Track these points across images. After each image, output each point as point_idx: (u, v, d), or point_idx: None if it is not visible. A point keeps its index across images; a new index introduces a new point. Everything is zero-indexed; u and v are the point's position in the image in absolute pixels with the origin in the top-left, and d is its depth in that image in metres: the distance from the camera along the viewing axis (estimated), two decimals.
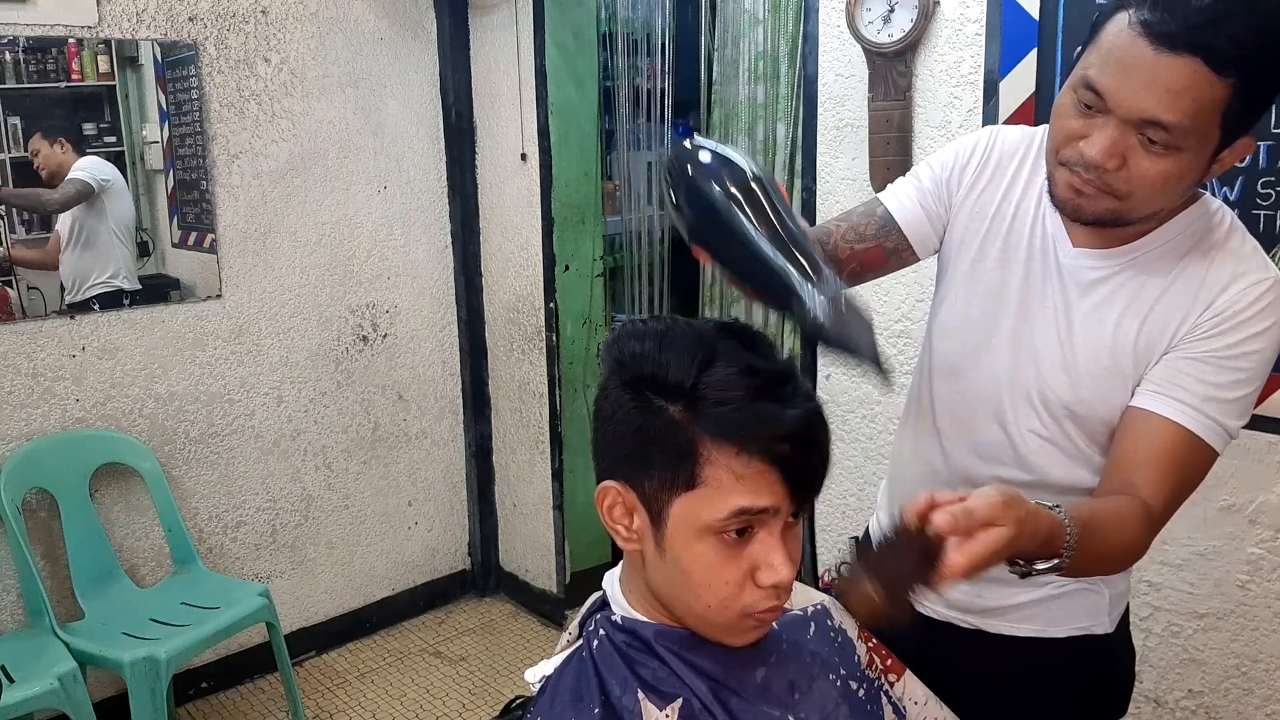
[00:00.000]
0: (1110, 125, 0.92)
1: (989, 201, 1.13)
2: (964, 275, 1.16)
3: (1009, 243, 1.11)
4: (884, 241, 1.17)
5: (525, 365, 3.04)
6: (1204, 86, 0.88)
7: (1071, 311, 1.07)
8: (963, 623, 1.20)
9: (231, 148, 2.58)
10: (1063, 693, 1.18)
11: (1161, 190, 0.95)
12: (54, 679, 2.00)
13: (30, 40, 2.24)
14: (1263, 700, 1.74)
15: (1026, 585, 1.13)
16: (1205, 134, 0.91)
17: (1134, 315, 1.03)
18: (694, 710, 0.85)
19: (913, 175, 1.20)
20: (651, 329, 0.84)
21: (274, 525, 2.80)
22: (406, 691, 2.76)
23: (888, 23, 1.97)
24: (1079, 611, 1.17)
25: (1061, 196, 1.00)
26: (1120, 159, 0.93)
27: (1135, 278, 1.04)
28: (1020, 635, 1.17)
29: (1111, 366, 1.04)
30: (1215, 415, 0.99)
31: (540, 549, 3.13)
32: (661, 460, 0.81)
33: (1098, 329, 1.05)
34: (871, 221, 1.18)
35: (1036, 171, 1.11)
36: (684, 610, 0.86)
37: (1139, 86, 0.89)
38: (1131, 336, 1.03)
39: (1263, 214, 1.61)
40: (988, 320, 1.12)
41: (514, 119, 2.88)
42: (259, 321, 2.69)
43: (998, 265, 1.12)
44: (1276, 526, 1.67)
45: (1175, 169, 0.93)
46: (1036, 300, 1.09)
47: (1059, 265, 1.08)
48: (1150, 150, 0.92)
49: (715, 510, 0.79)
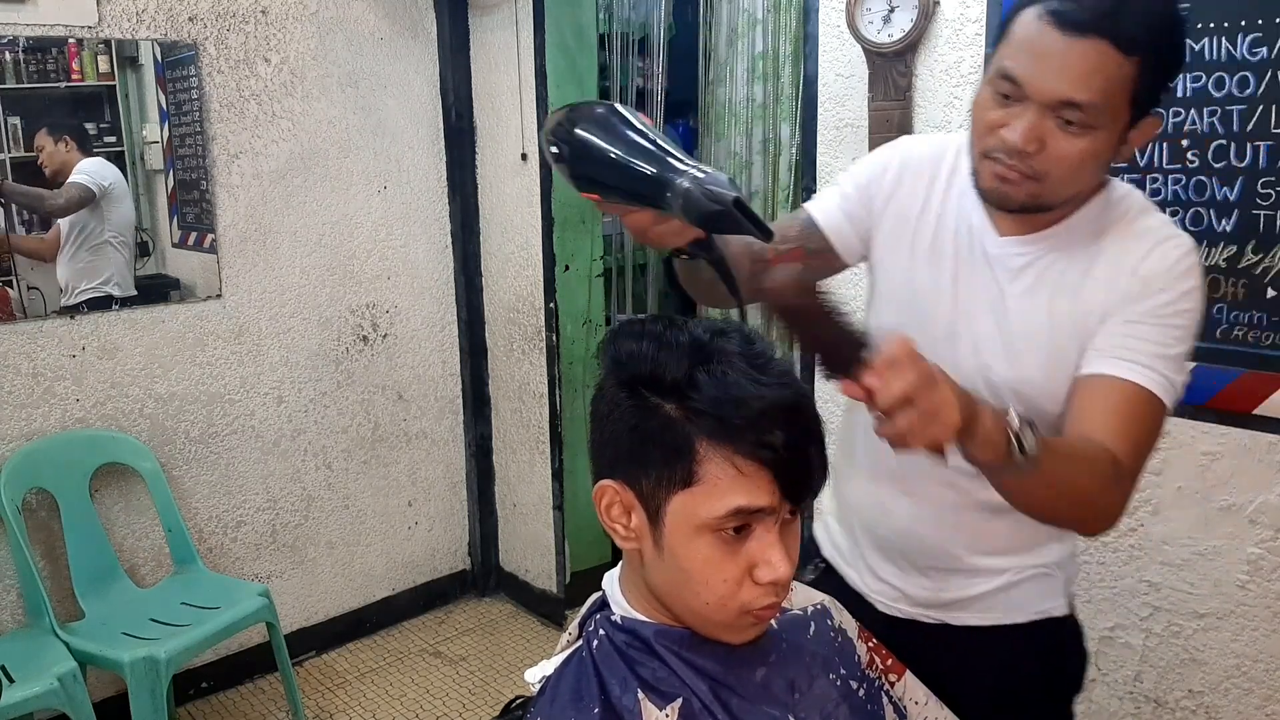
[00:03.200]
0: (1029, 111, 0.99)
1: (911, 205, 1.19)
2: (894, 277, 1.21)
3: (936, 241, 1.17)
4: (806, 243, 1.23)
5: (525, 365, 3.04)
6: (1112, 66, 0.95)
7: (1005, 297, 1.11)
8: (926, 618, 1.23)
9: (231, 148, 2.58)
10: (1028, 677, 1.22)
11: (1079, 169, 1.01)
12: (54, 679, 2.00)
13: (30, 40, 2.24)
14: (1263, 700, 1.74)
15: (986, 576, 1.19)
16: (1116, 112, 0.98)
17: (1064, 294, 1.09)
18: (694, 710, 0.85)
19: (836, 184, 1.26)
20: (649, 329, 0.84)
21: (274, 525, 2.80)
22: (406, 691, 2.76)
23: (888, 23, 1.97)
24: (1037, 596, 1.21)
25: (987, 186, 1.06)
26: (1040, 142, 0.99)
27: (1060, 259, 1.09)
28: (984, 625, 1.21)
29: (1049, 344, 1.09)
30: (1162, 370, 1.03)
31: (540, 549, 3.13)
32: (658, 458, 0.81)
33: (1032, 311, 1.10)
34: (795, 225, 1.25)
35: (954, 173, 1.17)
36: (682, 608, 0.86)
37: (1053, 71, 0.96)
38: (1065, 313, 1.08)
39: (1263, 214, 1.61)
40: (923, 316, 1.16)
41: (514, 119, 2.88)
42: (259, 321, 2.69)
43: (927, 263, 1.17)
44: (1276, 526, 1.68)
45: (1091, 147, 0.99)
46: (967, 291, 1.14)
47: (987, 255, 1.13)
48: (1068, 131, 0.98)
49: (712, 508, 0.80)
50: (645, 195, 0.88)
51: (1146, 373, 1.03)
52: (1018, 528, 1.14)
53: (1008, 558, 1.19)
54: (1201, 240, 1.68)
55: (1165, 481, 1.78)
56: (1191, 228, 1.68)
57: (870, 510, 1.26)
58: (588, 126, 0.92)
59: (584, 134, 0.91)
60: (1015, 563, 1.19)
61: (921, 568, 1.22)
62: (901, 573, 1.24)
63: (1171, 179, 1.70)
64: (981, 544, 1.18)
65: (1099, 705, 1.94)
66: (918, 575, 1.22)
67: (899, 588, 1.24)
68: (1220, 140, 1.64)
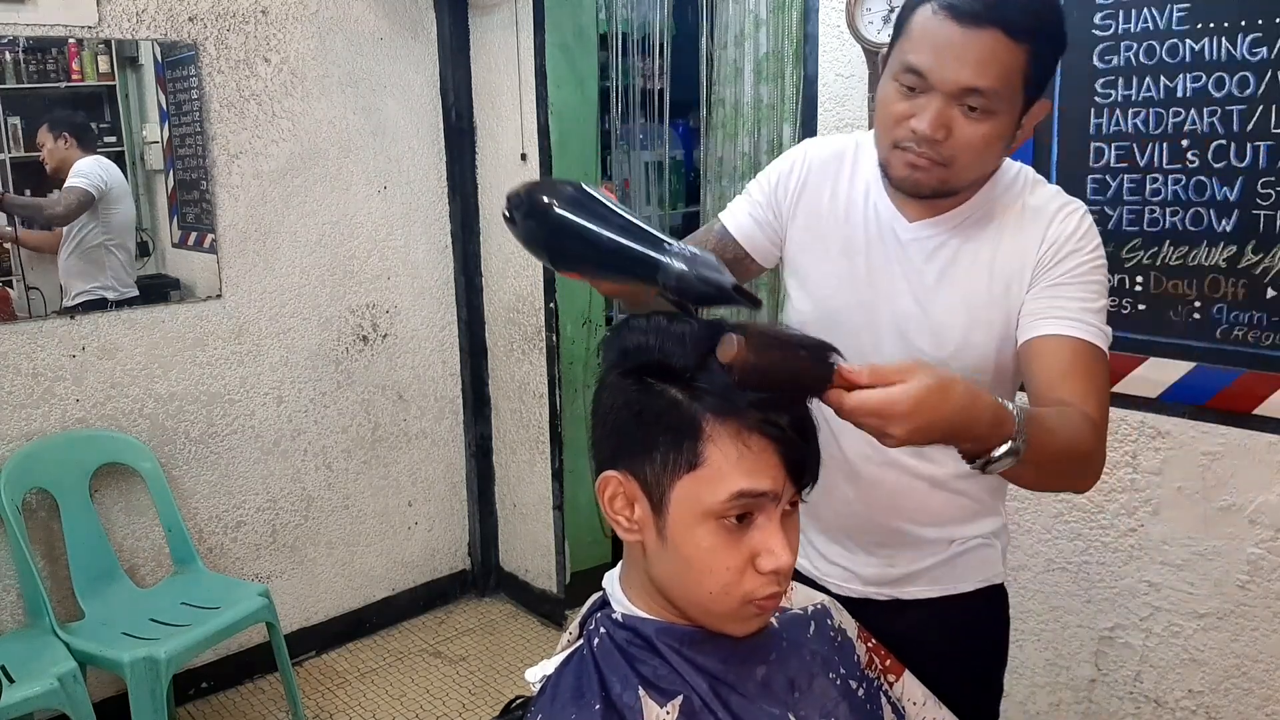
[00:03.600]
0: (934, 100, 1.05)
1: (818, 202, 1.25)
2: (809, 272, 1.26)
3: (847, 233, 1.22)
4: (722, 253, 1.27)
5: (525, 365, 3.04)
6: (1006, 54, 1.02)
7: (923, 279, 1.18)
8: (880, 596, 1.28)
9: (231, 148, 2.58)
10: (976, 642, 1.30)
11: (984, 152, 1.08)
12: (54, 679, 2.00)
13: (30, 40, 2.24)
14: (1263, 700, 1.74)
15: (931, 548, 1.25)
16: (1013, 96, 1.06)
17: (979, 269, 1.16)
18: (694, 707, 0.85)
19: (745, 193, 1.32)
20: (654, 324, 0.86)
21: (274, 525, 2.80)
22: (406, 691, 2.76)
23: (888, 23, 1.97)
24: (981, 565, 1.28)
25: (899, 176, 1.12)
26: (947, 129, 1.06)
27: (970, 238, 1.16)
28: (933, 596, 1.27)
29: (970, 319, 1.16)
30: (1094, 323, 1.11)
31: (540, 549, 3.13)
32: (664, 440, 0.82)
33: (950, 288, 1.16)
34: (710, 237, 1.32)
35: (858, 167, 1.23)
36: (685, 600, 0.86)
37: (953, 60, 1.03)
38: (984, 287, 1.15)
39: (1263, 214, 1.61)
40: (843, 307, 1.22)
41: (514, 119, 2.88)
42: (259, 321, 2.69)
43: (841, 254, 1.22)
44: (1276, 526, 1.68)
45: (994, 130, 1.06)
46: (885, 278, 1.19)
47: (900, 241, 1.19)
48: (971, 117, 1.05)
49: (716, 493, 0.81)
50: (634, 275, 0.90)
51: (1083, 327, 1.10)
52: (956, 499, 1.23)
53: (951, 528, 1.25)
54: (1201, 240, 1.68)
55: (1165, 481, 1.78)
56: (1191, 228, 1.69)
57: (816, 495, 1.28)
58: (568, 207, 0.94)
59: (567, 215, 0.94)
60: (959, 533, 1.25)
61: (868, 546, 1.27)
62: (849, 553, 1.29)
63: (1171, 179, 1.70)
64: (925, 517, 1.24)
65: (1099, 705, 1.94)
66: (865, 554, 1.28)
67: (848, 568, 1.29)
68: (1220, 140, 1.64)
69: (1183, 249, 1.69)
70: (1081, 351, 1.09)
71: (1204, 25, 1.63)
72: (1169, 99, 1.68)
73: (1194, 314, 1.69)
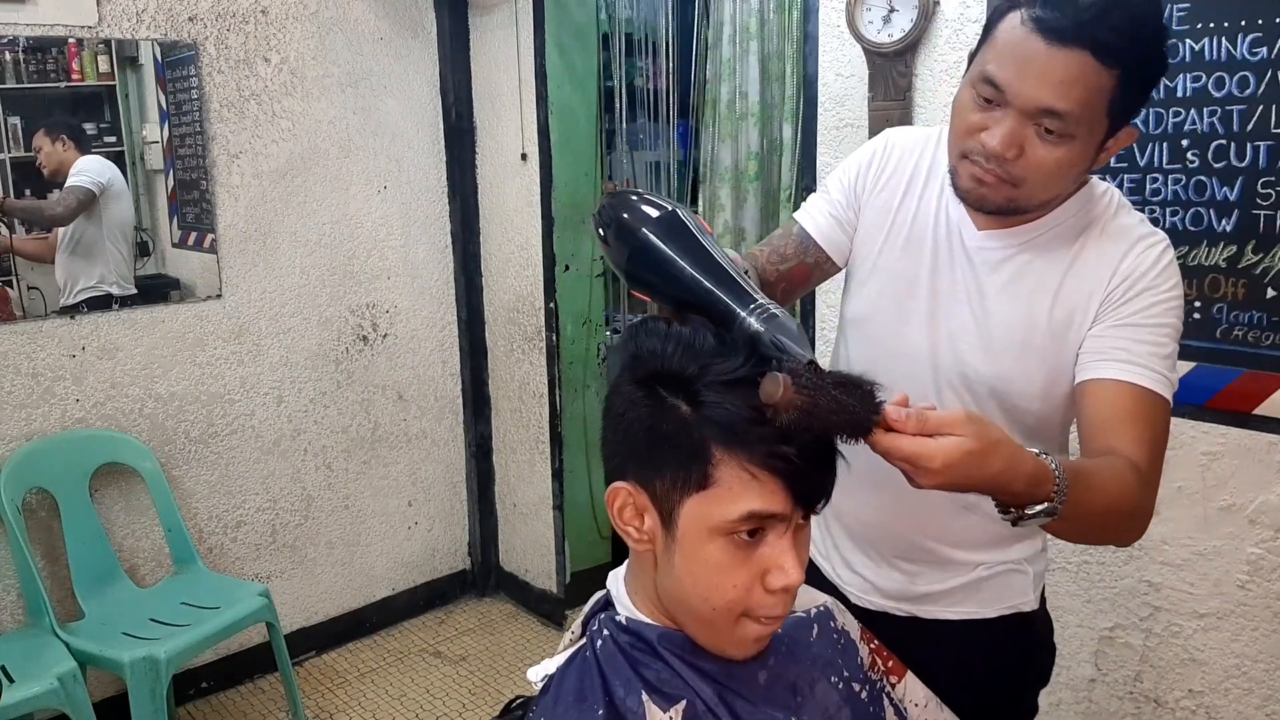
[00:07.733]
0: (1009, 117, 0.99)
1: (891, 196, 1.20)
2: (871, 267, 1.21)
3: (913, 232, 1.17)
4: (804, 258, 1.25)
5: (525, 365, 3.04)
6: (1092, 77, 0.95)
7: (984, 290, 1.12)
8: (898, 611, 1.24)
9: (231, 148, 2.58)
10: (995, 670, 1.23)
11: (1055, 176, 1.02)
12: (54, 679, 2.00)
13: (30, 40, 2.24)
14: (1263, 700, 1.74)
15: (956, 570, 1.20)
16: (1094, 122, 0.99)
17: (1044, 291, 1.09)
18: (698, 712, 0.85)
19: (822, 189, 1.27)
20: (672, 329, 0.84)
21: (274, 525, 2.80)
22: (406, 691, 2.76)
23: (888, 23, 1.97)
24: (1007, 592, 1.22)
25: (964, 187, 1.06)
26: (1019, 148, 1.00)
27: (1039, 256, 1.10)
28: (954, 618, 1.22)
29: (1026, 341, 1.10)
30: (1160, 370, 1.04)
31: (540, 549, 3.13)
32: (673, 460, 0.81)
33: (1012, 304, 1.11)
34: (790, 242, 1.26)
35: (936, 164, 1.17)
36: (686, 616, 0.85)
37: (1034, 78, 0.96)
38: (1045, 311, 1.09)
39: (1263, 214, 1.61)
40: (900, 307, 1.18)
41: (514, 119, 2.88)
42: (259, 321, 2.69)
43: (904, 254, 1.18)
44: (1276, 526, 1.68)
45: (1068, 156, 1.00)
46: (946, 283, 1.14)
47: (965, 249, 1.13)
48: (1046, 139, 0.99)
49: (726, 511, 0.79)
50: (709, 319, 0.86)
51: (1148, 374, 1.03)
52: (987, 523, 1.14)
53: (978, 552, 1.20)
54: (1201, 240, 1.68)
55: (1165, 481, 1.76)
56: (1191, 228, 1.69)
57: (842, 500, 1.27)
58: (655, 229, 0.90)
59: (651, 237, 0.90)
60: (986, 557, 1.21)
61: (892, 559, 1.24)
62: (873, 564, 1.25)
63: (1171, 179, 1.70)
64: (951, 537, 1.20)
65: (1099, 705, 1.94)
66: (888, 567, 1.24)
67: (870, 580, 1.26)
68: (1220, 140, 1.64)
69: (1183, 249, 1.69)
70: (1143, 400, 1.02)
71: (1204, 25, 1.63)
72: (1169, 99, 1.68)
73: (1194, 314, 1.69)
